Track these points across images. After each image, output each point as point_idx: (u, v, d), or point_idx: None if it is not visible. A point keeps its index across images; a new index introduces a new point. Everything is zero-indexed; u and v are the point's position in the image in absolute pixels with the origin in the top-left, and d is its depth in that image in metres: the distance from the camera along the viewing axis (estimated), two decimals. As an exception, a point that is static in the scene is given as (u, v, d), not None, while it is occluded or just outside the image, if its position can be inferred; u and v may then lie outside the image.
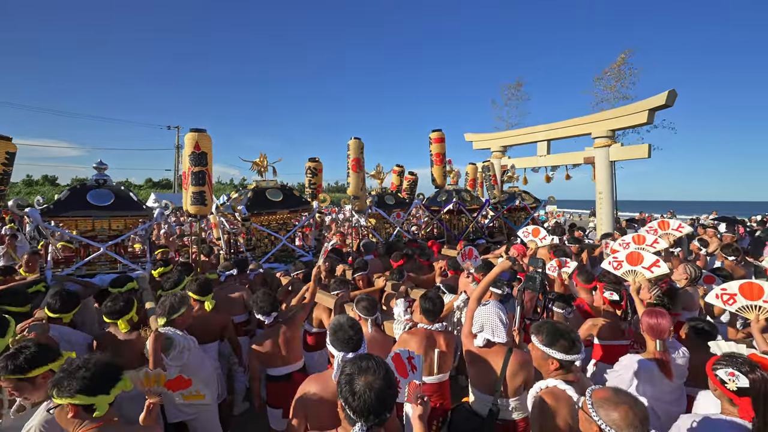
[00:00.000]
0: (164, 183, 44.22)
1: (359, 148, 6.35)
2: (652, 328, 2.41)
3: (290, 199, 5.88)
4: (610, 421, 1.34)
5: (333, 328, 1.96)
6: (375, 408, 1.31)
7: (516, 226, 9.04)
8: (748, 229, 12.18)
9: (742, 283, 2.91)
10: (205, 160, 4.74)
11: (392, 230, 7.40)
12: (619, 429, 1.32)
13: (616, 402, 1.38)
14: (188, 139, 4.74)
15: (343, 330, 1.93)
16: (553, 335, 1.88)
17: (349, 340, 1.91)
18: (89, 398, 1.62)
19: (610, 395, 1.42)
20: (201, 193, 4.78)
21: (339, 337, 1.92)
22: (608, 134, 10.38)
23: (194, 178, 4.73)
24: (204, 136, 4.76)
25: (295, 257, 5.74)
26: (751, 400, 1.66)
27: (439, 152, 7.60)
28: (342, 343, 1.90)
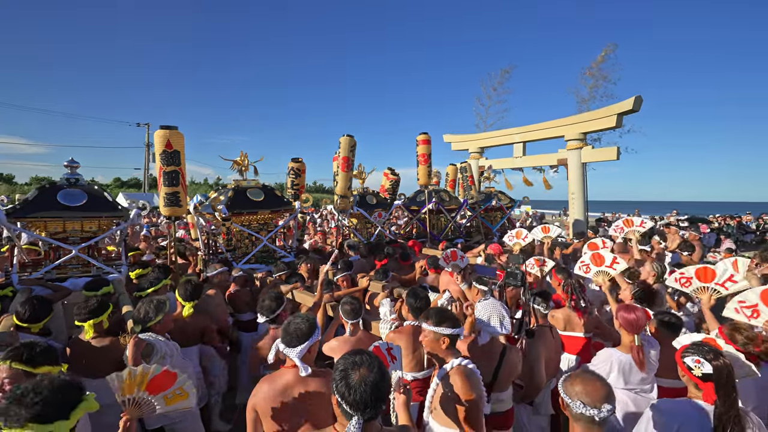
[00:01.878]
0: (133, 182, 42.44)
1: (349, 147, 6.25)
2: (629, 322, 2.54)
3: (272, 199, 5.82)
4: (573, 392, 1.51)
5: (285, 324, 2.00)
6: (371, 401, 1.34)
7: (492, 225, 9.29)
8: (709, 228, 13.05)
9: (698, 268, 3.31)
10: (178, 159, 4.55)
11: (374, 230, 7.45)
12: (576, 397, 1.49)
13: (579, 377, 1.56)
14: (158, 136, 4.51)
15: (290, 323, 1.97)
16: (440, 316, 2.08)
17: (288, 333, 1.94)
18: (44, 426, 1.40)
19: (576, 373, 1.61)
20: (175, 194, 4.62)
21: (285, 328, 1.97)
22: (580, 137, 10.81)
23: (167, 179, 4.55)
24: (176, 134, 4.55)
25: (276, 258, 5.69)
26: (714, 385, 1.80)
27: (425, 153, 7.82)
28: (284, 333, 1.95)
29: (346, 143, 6.26)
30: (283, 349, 1.96)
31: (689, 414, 1.83)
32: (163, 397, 1.89)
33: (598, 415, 1.46)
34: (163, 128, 4.55)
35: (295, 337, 1.93)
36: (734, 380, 1.83)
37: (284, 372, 1.99)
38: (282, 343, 1.97)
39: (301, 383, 1.94)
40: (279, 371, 2.02)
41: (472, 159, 13.32)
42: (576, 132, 10.79)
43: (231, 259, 5.29)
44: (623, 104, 9.87)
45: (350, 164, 6.29)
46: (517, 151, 12.40)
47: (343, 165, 6.25)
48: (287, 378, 1.95)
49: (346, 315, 2.86)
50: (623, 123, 10.37)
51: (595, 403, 1.47)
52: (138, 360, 2.40)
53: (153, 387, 1.88)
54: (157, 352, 2.63)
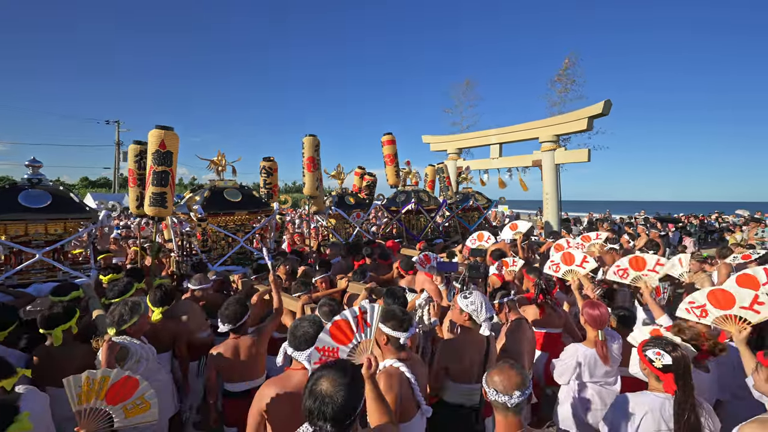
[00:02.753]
0: (102, 182, 40.64)
1: (313, 146, 6.23)
2: (593, 318, 2.67)
3: (249, 200, 5.72)
4: (491, 381, 1.63)
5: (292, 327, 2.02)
6: (323, 415, 1.33)
7: (470, 225, 9.47)
8: (675, 227, 13.77)
9: (631, 257, 3.67)
10: (170, 160, 4.48)
11: (352, 230, 7.46)
12: (492, 385, 1.62)
13: (498, 367, 1.68)
14: (153, 136, 4.44)
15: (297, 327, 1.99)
16: (387, 315, 2.12)
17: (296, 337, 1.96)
18: None
19: (499, 364, 1.72)
20: (162, 194, 4.52)
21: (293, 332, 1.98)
22: (553, 139, 11.16)
23: (156, 178, 4.45)
24: (171, 135, 4.50)
25: (253, 259, 5.62)
26: (674, 376, 1.92)
27: (390, 153, 7.92)
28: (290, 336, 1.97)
29: (309, 143, 6.22)
30: (292, 352, 1.96)
31: (650, 405, 1.95)
32: (122, 408, 1.77)
33: (509, 401, 1.57)
34: (158, 128, 4.47)
35: (303, 341, 1.95)
36: (691, 370, 1.95)
37: (292, 374, 1.99)
38: (290, 346, 1.97)
39: None
40: (285, 373, 2.03)
41: (450, 160, 13.52)
42: (549, 134, 11.14)
43: (206, 261, 5.18)
44: (594, 108, 10.26)
45: (316, 164, 6.26)
46: (494, 153, 12.67)
47: (309, 165, 6.21)
48: (297, 379, 1.96)
49: (324, 317, 2.85)
50: (593, 126, 10.79)
51: (507, 391, 1.58)
52: (112, 364, 2.33)
53: (112, 396, 1.76)
54: (132, 355, 2.55)
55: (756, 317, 2.36)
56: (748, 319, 2.39)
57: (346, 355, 1.82)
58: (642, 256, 3.65)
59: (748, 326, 2.36)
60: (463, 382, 2.50)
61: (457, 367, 2.50)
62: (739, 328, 2.36)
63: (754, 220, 12.54)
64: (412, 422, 2.03)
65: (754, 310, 2.37)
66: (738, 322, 2.41)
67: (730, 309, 2.44)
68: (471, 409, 2.49)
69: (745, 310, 2.40)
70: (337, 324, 1.85)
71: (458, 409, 2.50)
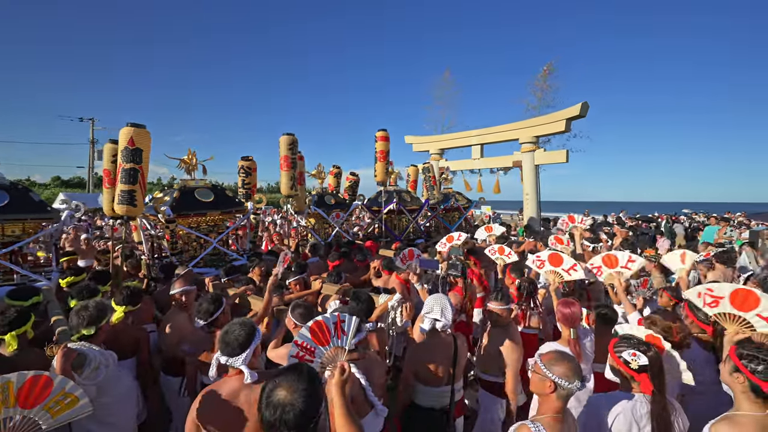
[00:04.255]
0: (76, 181, 39.18)
1: (288, 145, 6.16)
2: (566, 316, 2.69)
3: (222, 200, 5.57)
4: (562, 374, 1.71)
5: (222, 334, 1.93)
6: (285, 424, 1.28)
7: (450, 225, 9.51)
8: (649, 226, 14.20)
9: (603, 256, 3.74)
10: (139, 157, 4.32)
11: (331, 230, 7.38)
12: (566, 378, 1.69)
13: (561, 360, 1.76)
14: (122, 134, 4.34)
15: (227, 332, 1.90)
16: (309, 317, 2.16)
17: (228, 344, 1.87)
18: None
19: (556, 355, 1.80)
20: (130, 192, 4.34)
21: (223, 338, 1.89)
22: (533, 140, 11.33)
23: (124, 176, 4.30)
24: (141, 132, 4.37)
25: (227, 261, 5.47)
26: (649, 375, 1.92)
27: (383, 150, 7.90)
28: (221, 344, 1.88)
29: (285, 142, 6.14)
30: (226, 360, 1.87)
31: (623, 405, 1.95)
32: (45, 409, 1.63)
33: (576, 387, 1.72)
34: (129, 126, 4.35)
35: (237, 345, 1.87)
36: (664, 369, 1.97)
37: (227, 380, 1.90)
38: (223, 354, 1.88)
39: (247, 390, 1.86)
40: (221, 380, 1.93)
41: (432, 160, 13.58)
42: (529, 135, 11.30)
43: (177, 263, 5.01)
44: (571, 110, 10.46)
45: (291, 163, 6.18)
46: (475, 153, 12.78)
47: (283, 164, 6.13)
48: (232, 386, 1.86)
49: (297, 319, 2.76)
50: (571, 128, 11.00)
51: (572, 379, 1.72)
52: (68, 372, 2.19)
53: (23, 400, 1.62)
54: (90, 362, 2.41)
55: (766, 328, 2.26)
56: (756, 327, 2.29)
57: (320, 357, 1.80)
58: (614, 254, 3.69)
59: (749, 331, 2.31)
60: (433, 385, 2.49)
61: (425, 371, 2.48)
62: (737, 330, 2.34)
63: (723, 220, 13.02)
64: (365, 421, 1.98)
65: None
66: (739, 323, 2.35)
67: (745, 311, 2.33)
68: (442, 411, 2.48)
69: (760, 319, 2.28)
70: (319, 324, 1.86)
71: (430, 411, 2.49)
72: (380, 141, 7.92)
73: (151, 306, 4.00)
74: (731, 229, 12.87)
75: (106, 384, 2.49)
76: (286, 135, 6.19)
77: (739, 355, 1.84)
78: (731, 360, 1.87)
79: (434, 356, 2.48)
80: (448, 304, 2.53)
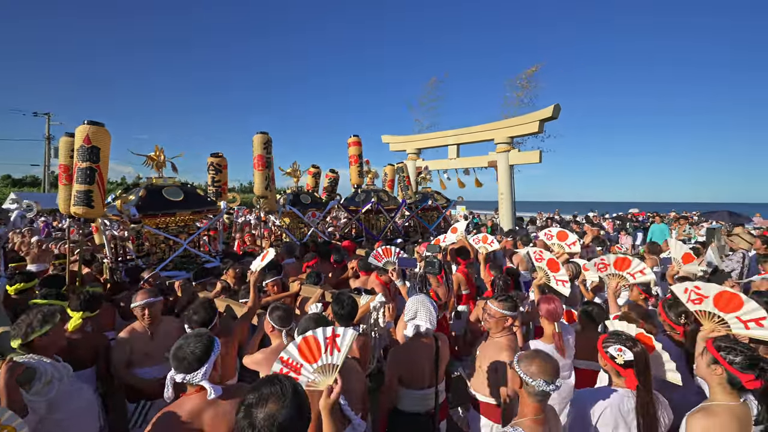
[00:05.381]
0: (29, 180, 36.64)
1: (263, 144, 6.05)
2: (549, 312, 2.74)
3: (193, 199, 5.28)
4: (529, 372, 1.70)
5: (175, 345, 1.78)
6: None
7: (429, 225, 9.52)
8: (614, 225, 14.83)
9: (618, 257, 3.58)
10: (96, 156, 4.10)
11: (307, 230, 7.21)
12: (534, 377, 1.68)
13: (533, 357, 1.75)
14: (78, 132, 4.12)
15: (181, 348, 1.74)
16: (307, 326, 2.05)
17: (182, 359, 1.71)
18: None
19: (530, 354, 1.80)
20: (87, 193, 4.08)
21: (176, 354, 1.73)
22: (508, 140, 11.55)
23: (81, 175, 4.06)
24: (99, 130, 4.15)
25: (199, 263, 5.20)
26: (635, 371, 1.94)
27: (355, 154, 8.06)
28: (175, 361, 1.72)
29: (258, 141, 6.05)
30: (183, 378, 1.71)
31: (610, 400, 1.96)
32: None
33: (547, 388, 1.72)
34: (87, 124, 4.12)
35: (194, 360, 1.71)
36: (650, 364, 1.98)
37: (185, 400, 1.72)
38: (179, 372, 1.71)
39: (211, 407, 1.70)
40: (178, 401, 1.75)
41: (409, 160, 13.60)
42: (504, 136, 11.51)
43: (143, 266, 4.71)
44: (544, 111, 10.74)
45: (266, 162, 6.09)
46: (452, 153, 12.90)
47: (257, 163, 6.05)
48: (191, 405, 1.69)
49: (276, 322, 2.62)
50: (544, 129, 11.29)
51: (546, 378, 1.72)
52: (12, 389, 1.96)
53: None
54: (40, 376, 2.18)
55: (743, 331, 2.29)
56: (732, 328, 2.32)
57: (309, 374, 1.68)
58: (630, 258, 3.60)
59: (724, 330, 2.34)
60: (417, 388, 2.44)
61: (409, 374, 2.43)
62: (713, 327, 2.38)
63: (682, 218, 13.79)
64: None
65: (746, 324, 2.28)
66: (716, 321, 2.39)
67: (726, 312, 2.36)
68: (427, 416, 2.42)
69: (738, 321, 2.31)
70: (307, 340, 1.75)
71: (415, 416, 2.43)
72: (352, 146, 8.12)
73: (112, 312, 3.73)
74: (690, 227, 13.63)
75: (59, 399, 2.27)
76: (260, 134, 6.05)
77: (717, 348, 1.89)
78: (709, 352, 1.91)
79: (417, 358, 2.43)
80: (431, 307, 2.48)
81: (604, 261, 3.61)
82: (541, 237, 4.88)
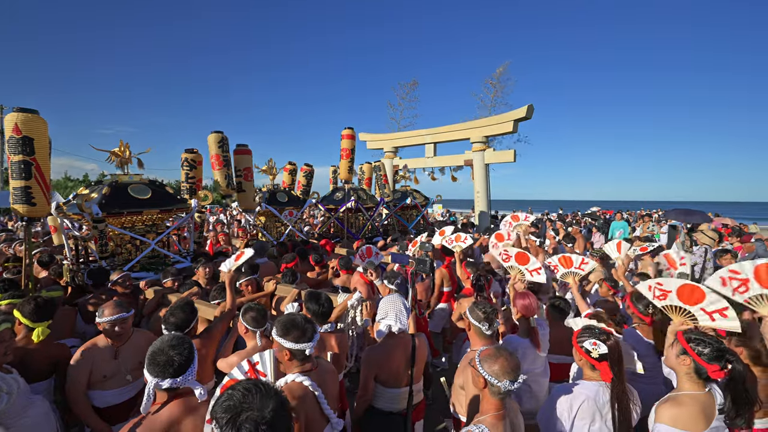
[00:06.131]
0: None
1: (218, 143, 5.97)
2: (525, 307, 2.76)
3: (161, 197, 5.04)
4: (493, 372, 1.66)
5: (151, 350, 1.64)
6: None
7: (408, 223, 9.54)
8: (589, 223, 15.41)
9: (560, 257, 3.75)
10: (30, 147, 3.74)
11: (284, 229, 7.05)
12: (498, 377, 1.64)
13: (496, 356, 1.71)
14: (7, 121, 3.75)
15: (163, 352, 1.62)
16: (286, 326, 1.88)
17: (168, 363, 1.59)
18: None
19: (492, 352, 1.75)
20: (25, 189, 3.77)
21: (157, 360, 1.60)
22: (483, 140, 11.73)
23: (15, 170, 3.74)
24: (31, 118, 3.77)
25: (168, 263, 4.98)
26: (609, 363, 1.97)
27: (347, 147, 7.91)
28: (159, 367, 1.58)
29: (213, 140, 5.97)
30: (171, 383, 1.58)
31: (587, 393, 1.99)
32: None
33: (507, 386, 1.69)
34: (17, 111, 3.74)
35: (183, 361, 1.62)
36: (622, 357, 2.03)
37: (162, 410, 1.59)
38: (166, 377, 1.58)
39: (191, 414, 1.60)
40: (154, 409, 1.61)
41: (386, 158, 13.59)
42: (479, 135, 11.69)
43: (108, 267, 4.46)
44: (518, 111, 10.97)
45: (223, 161, 6.01)
46: (429, 152, 12.99)
47: (215, 163, 5.98)
48: (169, 413, 1.58)
49: (249, 324, 2.52)
50: (518, 129, 11.54)
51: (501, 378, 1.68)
52: None
53: None
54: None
55: (709, 322, 2.35)
56: (699, 320, 2.39)
57: None
58: (570, 256, 3.76)
59: (692, 323, 2.42)
60: (392, 386, 2.42)
61: (384, 373, 2.41)
62: (682, 321, 2.46)
63: (646, 215, 14.50)
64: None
65: (711, 316, 2.34)
66: (684, 315, 2.46)
67: (691, 305, 2.42)
68: (400, 415, 2.41)
69: (703, 312, 2.37)
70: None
71: (389, 415, 2.41)
72: (346, 139, 7.89)
73: (72, 317, 3.51)
74: (653, 224, 14.31)
75: (10, 413, 2.11)
76: (215, 133, 5.97)
77: (687, 339, 1.96)
78: (679, 343, 1.98)
79: (393, 357, 2.41)
80: (402, 307, 2.47)
81: (551, 263, 3.80)
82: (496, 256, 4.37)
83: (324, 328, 2.51)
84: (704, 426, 1.79)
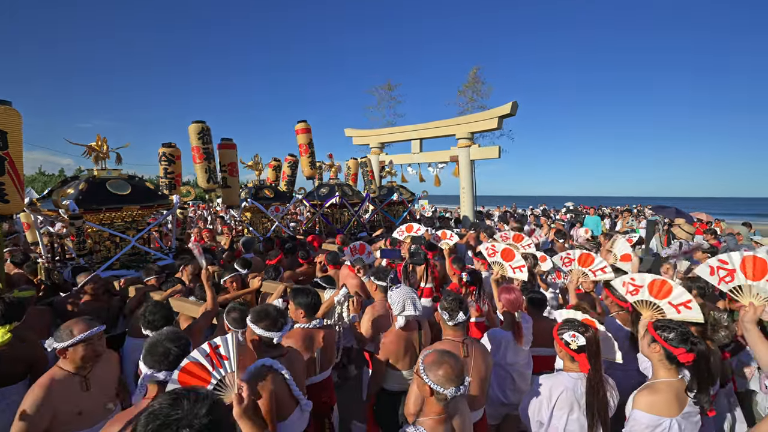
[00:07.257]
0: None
1: (198, 134, 5.63)
2: (510, 302, 2.82)
3: (141, 193, 4.91)
4: (438, 380, 1.59)
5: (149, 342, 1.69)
6: None
7: (395, 219, 9.56)
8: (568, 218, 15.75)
9: (583, 252, 3.80)
10: (2, 141, 3.58)
11: (270, 225, 6.98)
12: (442, 385, 1.58)
13: (439, 362, 1.63)
14: None
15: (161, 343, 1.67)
16: (259, 314, 2.01)
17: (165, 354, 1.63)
18: None
19: (435, 357, 1.66)
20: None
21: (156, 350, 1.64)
22: (469, 136, 11.82)
23: None
24: (4, 111, 3.58)
25: (149, 260, 4.87)
26: (587, 355, 2.04)
27: (304, 143, 7.40)
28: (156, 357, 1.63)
29: (193, 131, 5.60)
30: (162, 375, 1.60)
31: (565, 384, 2.06)
32: None
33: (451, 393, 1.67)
34: None
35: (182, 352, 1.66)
36: (600, 348, 2.10)
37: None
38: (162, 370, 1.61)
39: None
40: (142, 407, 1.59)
41: (372, 154, 13.56)
42: (465, 131, 11.77)
43: (86, 265, 4.33)
44: (503, 108, 11.08)
45: (204, 154, 5.68)
46: (415, 148, 13.01)
47: (195, 156, 5.69)
48: None
49: (233, 324, 2.48)
50: (503, 125, 11.67)
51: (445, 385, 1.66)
52: None
53: None
54: None
55: (675, 315, 2.47)
56: (666, 313, 2.52)
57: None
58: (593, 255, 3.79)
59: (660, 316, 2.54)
60: (401, 369, 2.57)
61: (394, 357, 2.55)
62: (651, 315, 2.58)
63: (626, 211, 14.91)
64: (291, 419, 1.93)
65: (677, 309, 2.48)
66: (654, 309, 2.59)
67: (660, 299, 2.55)
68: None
69: (671, 306, 2.51)
70: (187, 369, 1.53)
71: (398, 395, 2.51)
72: (301, 133, 7.35)
73: (47, 316, 3.40)
74: (632, 219, 14.72)
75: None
76: (196, 123, 5.59)
77: (655, 327, 2.08)
78: (649, 333, 2.08)
79: (403, 343, 2.57)
80: (414, 295, 2.60)
81: (570, 256, 3.84)
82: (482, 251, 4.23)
83: (312, 323, 2.51)
84: (677, 411, 1.88)
